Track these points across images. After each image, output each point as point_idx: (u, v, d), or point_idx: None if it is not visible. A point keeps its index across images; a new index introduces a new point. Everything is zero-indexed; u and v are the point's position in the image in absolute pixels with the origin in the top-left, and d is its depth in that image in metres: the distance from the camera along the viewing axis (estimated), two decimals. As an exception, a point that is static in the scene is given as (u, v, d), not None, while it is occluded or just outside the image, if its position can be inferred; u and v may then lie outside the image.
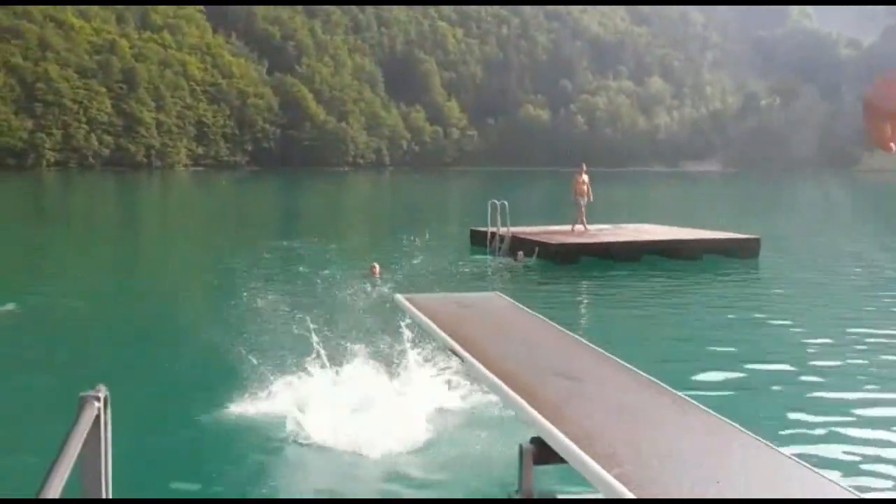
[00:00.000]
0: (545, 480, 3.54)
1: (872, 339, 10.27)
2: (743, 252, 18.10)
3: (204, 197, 57.47)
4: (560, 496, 2.79)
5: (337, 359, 8.48)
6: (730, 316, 12.23)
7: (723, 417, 2.72)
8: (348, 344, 9.25)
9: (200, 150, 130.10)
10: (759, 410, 7.13)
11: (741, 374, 8.40)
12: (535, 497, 2.72)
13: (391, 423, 6.43)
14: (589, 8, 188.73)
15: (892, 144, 1.35)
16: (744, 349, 9.69)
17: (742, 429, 2.63)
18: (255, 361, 8.41)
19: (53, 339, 9.83)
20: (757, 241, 18.56)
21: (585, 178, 19.51)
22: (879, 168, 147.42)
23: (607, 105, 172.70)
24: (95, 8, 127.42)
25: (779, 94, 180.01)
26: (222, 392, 7.25)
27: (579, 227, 19.68)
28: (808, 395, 7.70)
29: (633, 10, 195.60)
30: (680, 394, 2.92)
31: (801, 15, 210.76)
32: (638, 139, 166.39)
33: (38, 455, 1.65)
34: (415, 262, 17.14)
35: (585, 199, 19.50)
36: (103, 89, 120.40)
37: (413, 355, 8.15)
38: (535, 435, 2.64)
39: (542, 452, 2.62)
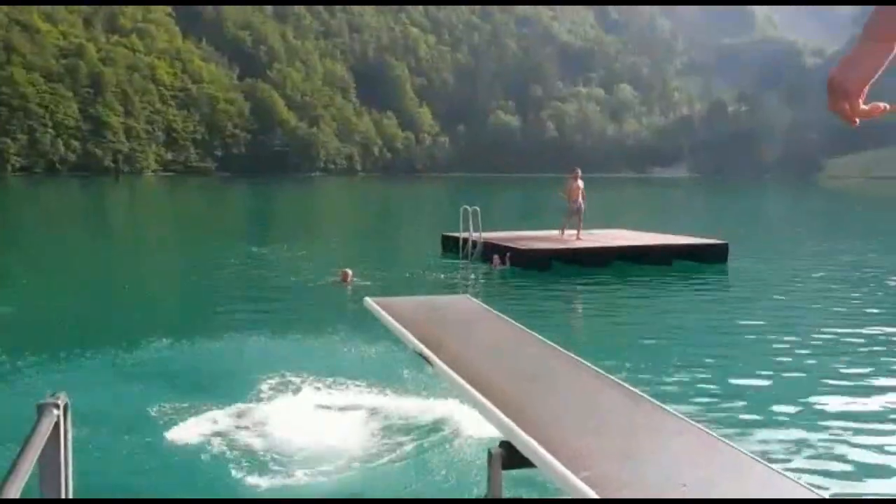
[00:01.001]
0: (515, 484, 3.54)
1: (838, 341, 10.41)
2: (711, 257, 18.27)
3: (172, 202, 56.95)
4: (528, 500, 2.79)
5: (305, 364, 8.43)
6: (699, 320, 12.34)
7: (690, 421, 2.74)
8: (317, 349, 9.21)
9: (170, 156, 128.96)
10: (727, 414, 7.19)
11: (709, 378, 8.46)
12: (505, 500, 2.72)
13: (359, 428, 6.40)
14: (559, 14, 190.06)
15: (855, 119, 1.50)
16: (712, 353, 9.77)
17: (709, 432, 2.65)
18: (222, 367, 8.34)
19: (13, 346, 9.65)
20: (725, 246, 18.74)
21: (580, 183, 19.30)
22: (842, 175, 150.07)
23: (577, 112, 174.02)
24: (63, 12, 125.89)
25: (745, 102, 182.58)
26: (187, 400, 7.17)
27: (570, 232, 19.43)
28: (776, 398, 7.78)
29: (602, 17, 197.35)
30: (648, 397, 2.94)
31: (768, 23, 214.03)
32: (607, 145, 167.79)
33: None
34: (386, 267, 17.11)
35: (579, 204, 19.14)
36: (70, 94, 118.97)
37: (383, 360, 8.13)
38: (504, 439, 2.64)
39: (511, 456, 2.62)
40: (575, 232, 19.35)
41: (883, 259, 20.13)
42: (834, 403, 7.64)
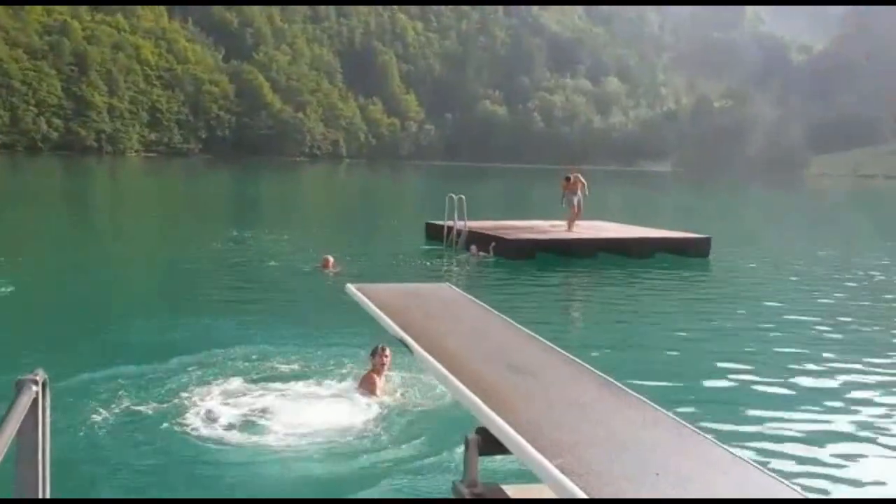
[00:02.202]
0: (491, 470, 3.55)
1: (818, 336, 10.52)
2: (694, 251, 18.39)
3: (154, 184, 56.54)
4: (504, 486, 2.81)
5: (283, 348, 8.43)
6: (680, 313, 12.42)
7: (665, 411, 2.77)
8: (296, 334, 9.20)
9: (153, 137, 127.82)
10: (701, 405, 7.26)
11: (685, 370, 8.54)
12: (480, 486, 2.74)
13: (338, 414, 6.41)
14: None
15: None
16: (690, 345, 9.85)
17: (683, 422, 2.67)
18: (199, 350, 8.32)
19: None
20: (708, 240, 18.87)
21: (580, 176, 19.50)
22: (825, 173, 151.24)
23: (564, 103, 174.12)
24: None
25: (731, 97, 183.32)
26: (163, 380, 7.16)
27: (561, 223, 19.39)
28: (751, 390, 7.86)
29: (590, 8, 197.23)
30: (625, 388, 2.96)
31: (756, 19, 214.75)
32: (593, 138, 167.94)
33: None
34: (369, 254, 17.09)
35: (578, 196, 19.19)
36: (53, 71, 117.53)
37: (362, 346, 8.14)
38: (481, 425, 2.66)
39: (487, 443, 2.64)
40: (568, 223, 19.32)
41: (862, 255, 20.34)
42: (812, 399, 7.72)
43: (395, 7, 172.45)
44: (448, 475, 4.98)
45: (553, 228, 19.59)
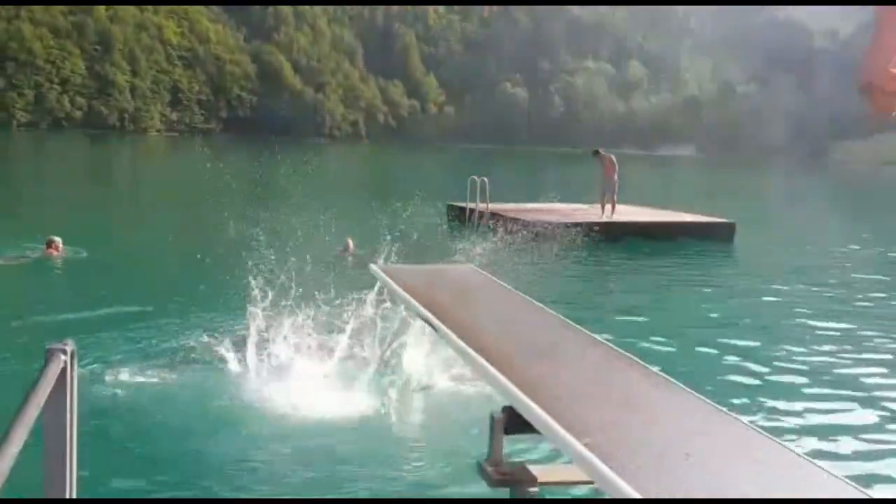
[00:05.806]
0: (516, 449, 3.55)
1: (842, 319, 10.43)
2: (718, 235, 18.29)
3: (174, 162, 56.72)
4: (530, 466, 2.80)
5: (308, 330, 8.44)
6: (705, 296, 12.35)
7: (693, 392, 2.75)
8: (318, 316, 9.20)
9: (174, 116, 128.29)
10: (729, 386, 7.22)
11: (712, 351, 8.51)
12: (505, 466, 2.74)
13: (362, 393, 6.43)
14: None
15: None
16: (715, 327, 9.81)
17: (713, 404, 2.65)
18: (222, 331, 8.36)
19: (23, 296, 9.71)
20: (732, 224, 18.75)
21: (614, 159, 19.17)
22: (849, 160, 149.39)
23: (585, 86, 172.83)
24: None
25: (754, 82, 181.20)
26: (182, 361, 7.21)
27: (608, 207, 19.16)
28: (779, 372, 7.81)
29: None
30: (652, 368, 2.94)
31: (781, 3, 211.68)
32: (615, 122, 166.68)
33: (1, 407, 1.56)
34: (390, 237, 16.99)
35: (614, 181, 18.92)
36: (77, 50, 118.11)
37: (385, 328, 8.14)
38: (507, 404, 2.65)
39: (513, 421, 2.63)
40: (610, 207, 19.06)
41: (889, 242, 20.11)
42: (840, 380, 7.66)
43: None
44: (473, 455, 4.98)
45: (575, 212, 19.48)
